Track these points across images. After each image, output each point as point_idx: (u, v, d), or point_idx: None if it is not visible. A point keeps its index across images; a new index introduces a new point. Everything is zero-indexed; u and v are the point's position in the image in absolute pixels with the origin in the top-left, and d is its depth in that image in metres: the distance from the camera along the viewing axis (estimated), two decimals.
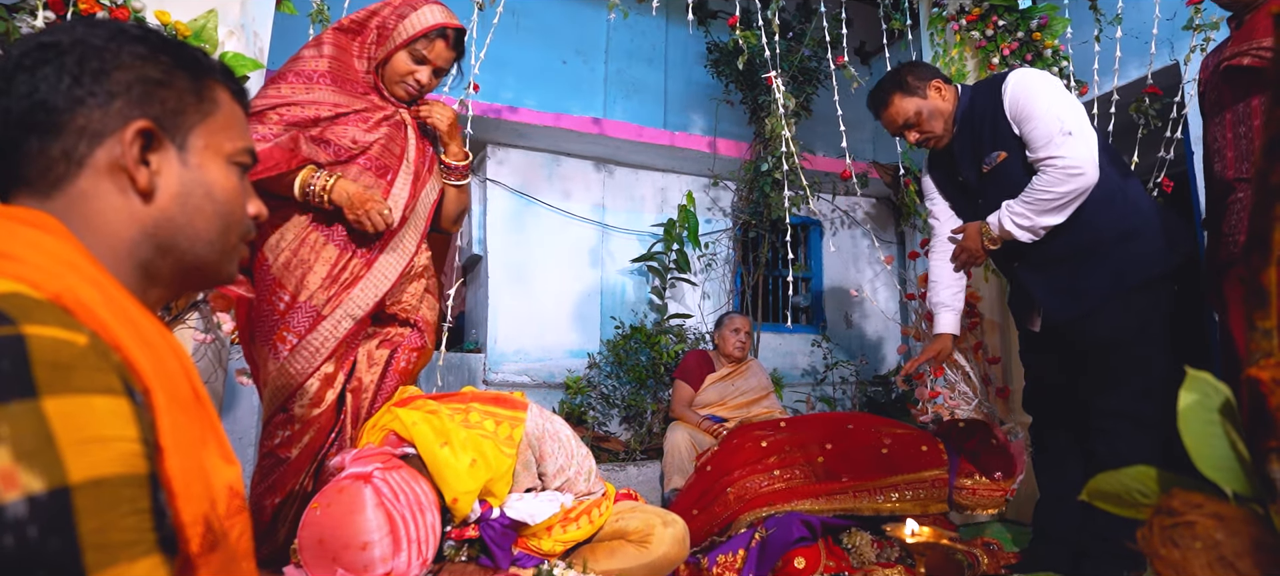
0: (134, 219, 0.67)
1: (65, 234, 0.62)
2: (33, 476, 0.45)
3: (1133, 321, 2.01)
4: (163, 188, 0.69)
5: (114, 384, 0.52)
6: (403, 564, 1.48)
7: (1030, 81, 2.08)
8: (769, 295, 5.80)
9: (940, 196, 2.43)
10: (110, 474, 0.48)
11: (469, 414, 1.76)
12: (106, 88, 0.65)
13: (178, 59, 0.70)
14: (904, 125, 2.29)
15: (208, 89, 0.73)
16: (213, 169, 0.72)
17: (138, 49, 0.67)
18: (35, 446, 0.46)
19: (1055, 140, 1.98)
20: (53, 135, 0.64)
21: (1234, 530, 0.63)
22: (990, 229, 2.17)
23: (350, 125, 1.86)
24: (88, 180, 0.65)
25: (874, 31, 4.26)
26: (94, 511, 0.47)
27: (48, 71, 0.63)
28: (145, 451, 0.52)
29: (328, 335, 1.81)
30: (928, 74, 2.27)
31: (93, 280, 0.59)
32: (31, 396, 0.47)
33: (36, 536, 0.44)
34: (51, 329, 0.50)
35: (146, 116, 0.67)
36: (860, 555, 2.42)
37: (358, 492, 1.50)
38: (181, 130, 0.70)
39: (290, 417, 1.79)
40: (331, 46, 1.89)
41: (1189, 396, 0.70)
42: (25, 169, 0.64)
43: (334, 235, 1.84)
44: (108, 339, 0.55)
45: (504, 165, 5.16)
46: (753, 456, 2.75)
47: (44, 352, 0.49)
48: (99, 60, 0.65)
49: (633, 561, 1.79)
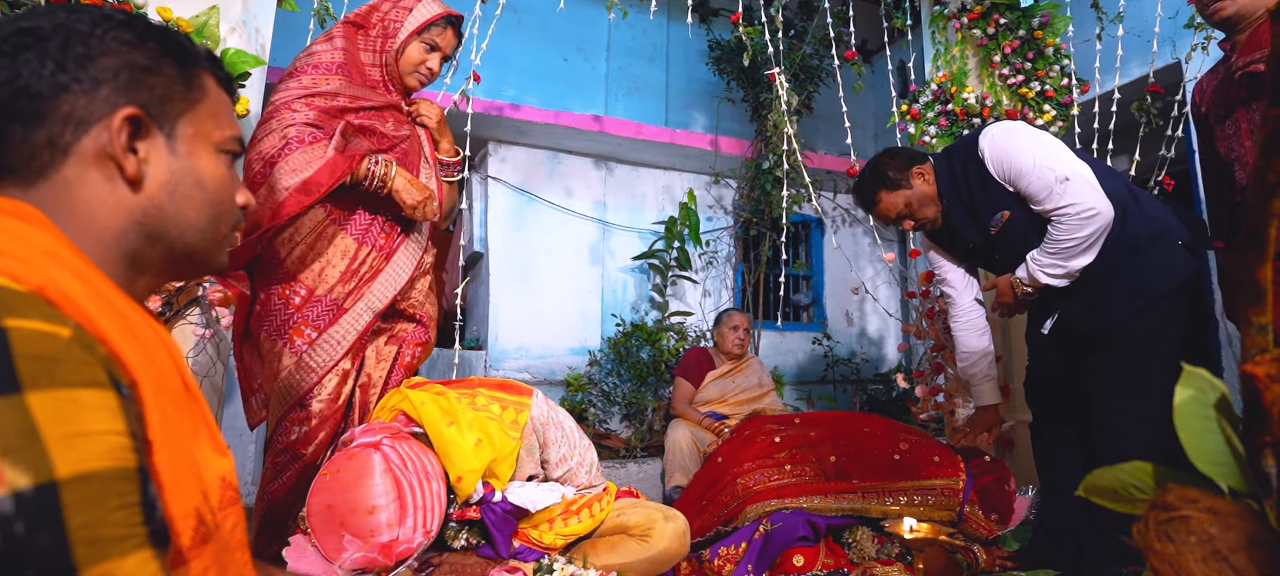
0: (121, 207, 0.66)
1: (46, 224, 0.61)
2: (18, 472, 0.44)
3: (1153, 327, 2.01)
4: (151, 176, 0.67)
5: (99, 377, 0.51)
6: (408, 530, 1.49)
7: (1005, 140, 2.06)
8: (770, 293, 5.81)
9: (949, 264, 2.42)
10: (98, 468, 0.48)
11: (476, 397, 1.78)
12: (92, 73, 0.64)
13: (164, 45, 0.69)
14: (897, 217, 2.27)
15: (195, 76, 0.71)
16: (202, 157, 0.71)
17: (124, 35, 0.66)
18: (20, 442, 0.45)
19: (1055, 191, 1.96)
20: (37, 122, 0.62)
21: (1229, 525, 0.63)
22: (1022, 282, 2.14)
23: (387, 117, 1.90)
24: (73, 168, 0.64)
25: (875, 30, 4.26)
26: (82, 507, 0.46)
27: (30, 56, 0.62)
28: (133, 445, 0.51)
29: (349, 328, 1.82)
30: (905, 162, 2.24)
31: (76, 271, 0.58)
32: (15, 391, 0.46)
33: (24, 533, 0.44)
34: (34, 322, 0.49)
35: (134, 103, 0.66)
36: (860, 550, 2.42)
37: (367, 458, 1.51)
38: (170, 118, 0.69)
39: (308, 414, 1.79)
40: (342, 39, 1.91)
41: (1185, 392, 0.70)
42: (8, 157, 0.63)
43: (351, 229, 1.85)
44: (93, 331, 0.54)
45: (505, 162, 5.17)
46: (764, 451, 2.76)
47: (26, 346, 0.48)
48: (84, 45, 0.64)
49: (634, 556, 1.79)
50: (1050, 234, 2.01)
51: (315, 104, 1.78)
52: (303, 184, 1.70)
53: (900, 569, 2.33)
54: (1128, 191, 2.08)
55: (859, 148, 3.99)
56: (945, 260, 2.43)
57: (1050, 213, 1.99)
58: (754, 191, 5.23)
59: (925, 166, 2.24)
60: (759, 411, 3.72)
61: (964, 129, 3.35)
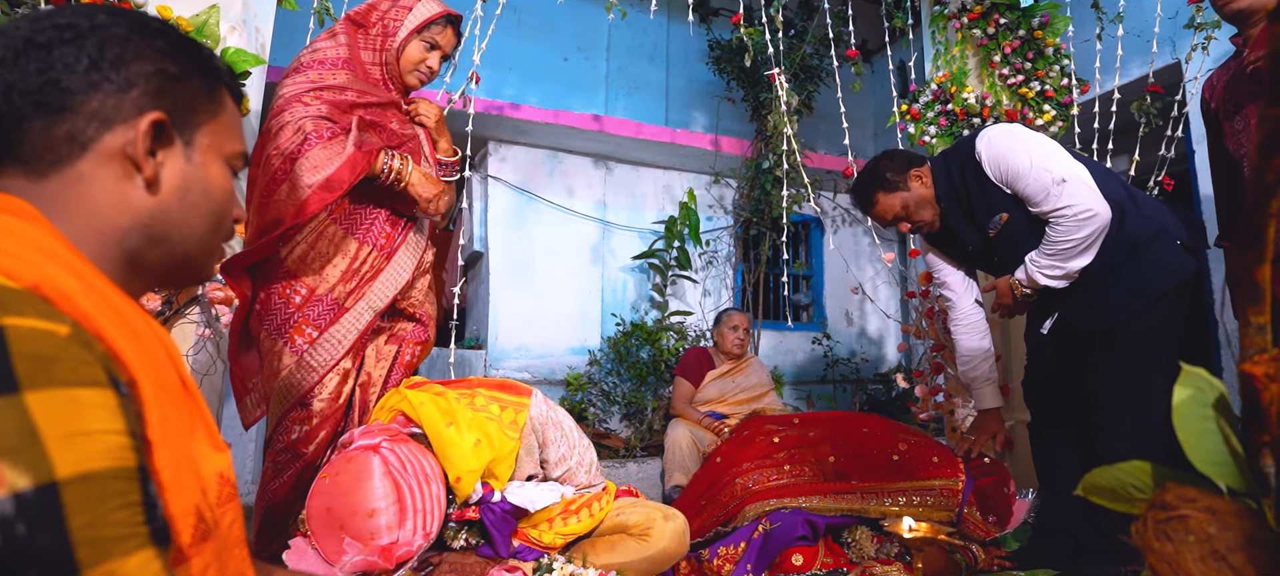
0: (129, 207, 0.67)
1: (40, 220, 0.61)
2: (18, 473, 0.44)
3: (1153, 327, 2.01)
4: (165, 181, 0.69)
5: (98, 375, 0.50)
6: (408, 533, 1.49)
7: (1001, 142, 2.06)
8: (770, 293, 5.81)
9: (949, 266, 2.42)
10: (98, 468, 0.48)
11: (475, 397, 1.78)
12: (125, 75, 0.65)
13: (195, 58, 0.71)
14: (894, 219, 2.29)
15: (217, 90, 0.74)
16: (213, 168, 0.73)
17: (158, 43, 0.68)
18: (19, 442, 0.45)
19: (1052, 193, 1.96)
20: (62, 116, 0.63)
21: (1227, 524, 0.64)
22: (1021, 283, 2.15)
23: (391, 115, 1.91)
24: (89, 164, 0.65)
25: (875, 30, 4.26)
26: (83, 507, 0.46)
27: (66, 52, 0.63)
28: (133, 444, 0.51)
29: (350, 327, 1.82)
30: (903, 165, 2.25)
31: (72, 268, 0.58)
32: (13, 391, 0.46)
33: (25, 534, 0.44)
34: (31, 320, 0.49)
35: (161, 109, 0.67)
36: (860, 549, 2.42)
37: (366, 461, 1.51)
38: (190, 127, 0.71)
39: (309, 413, 1.79)
40: (345, 36, 1.92)
41: (1183, 392, 0.71)
42: (20, 146, 0.63)
43: (352, 228, 1.85)
44: (90, 329, 0.53)
45: (505, 162, 5.16)
46: (764, 451, 2.77)
47: (24, 345, 0.47)
48: (120, 48, 0.65)
49: (633, 555, 1.79)
50: (1048, 235, 2.02)
51: (325, 97, 1.78)
52: (325, 181, 1.70)
53: (899, 568, 2.33)
54: (1125, 192, 2.09)
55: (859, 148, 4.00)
56: (944, 263, 2.44)
57: (1048, 214, 1.99)
58: (754, 191, 5.23)
59: (923, 169, 2.25)
60: (758, 411, 3.72)
61: (964, 129, 3.35)
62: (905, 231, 2.32)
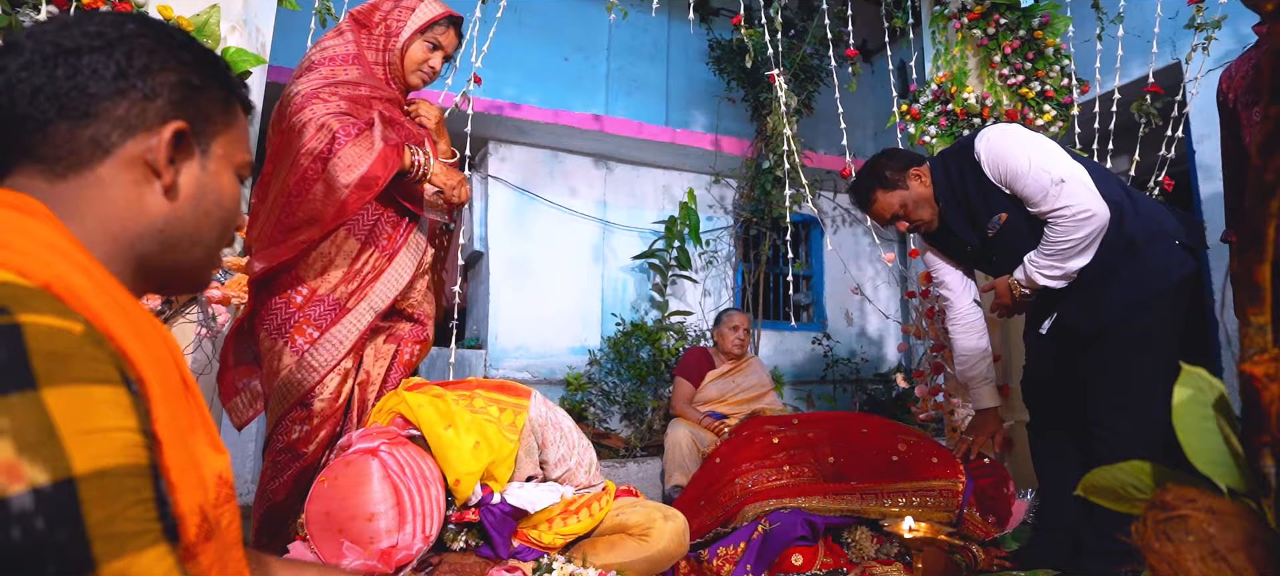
0: (144, 213, 0.68)
1: (51, 219, 0.62)
2: (36, 469, 0.45)
3: (1151, 327, 2.01)
4: (182, 188, 0.70)
5: (111, 373, 0.51)
6: (407, 536, 1.48)
7: (1000, 142, 2.06)
8: (770, 293, 5.81)
9: (947, 266, 2.43)
10: (114, 464, 0.48)
11: (474, 399, 1.78)
12: (151, 84, 0.67)
13: (215, 70, 0.74)
14: (893, 217, 2.29)
15: (232, 102, 0.76)
16: (225, 177, 0.75)
17: (183, 55, 0.70)
18: (37, 438, 0.45)
19: (1051, 193, 1.96)
20: (86, 120, 0.64)
21: (1227, 524, 0.64)
22: (1020, 283, 2.15)
23: (399, 113, 1.92)
24: (109, 168, 0.66)
25: (875, 30, 4.26)
26: (100, 502, 0.47)
27: (95, 59, 0.64)
28: (145, 441, 0.52)
29: (351, 328, 1.82)
30: (903, 163, 2.26)
31: (82, 267, 0.59)
32: (31, 387, 0.46)
33: (44, 528, 0.44)
34: (47, 317, 0.50)
35: (184, 118, 0.69)
36: (859, 549, 2.42)
37: (364, 465, 1.51)
38: (207, 136, 0.73)
39: (309, 413, 1.79)
40: (351, 34, 1.93)
41: (1183, 392, 0.70)
42: (41, 147, 0.64)
43: (354, 229, 1.85)
44: (100, 327, 0.54)
45: (505, 162, 5.17)
46: (763, 451, 2.76)
47: (41, 342, 0.48)
48: (148, 58, 0.67)
49: (633, 555, 1.79)
50: (1047, 236, 2.02)
51: (341, 92, 1.79)
52: (361, 180, 1.70)
53: (899, 568, 2.33)
54: (1123, 192, 2.09)
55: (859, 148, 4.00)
56: (943, 263, 2.44)
57: (1046, 214, 1.99)
58: (754, 191, 5.24)
59: (922, 169, 2.26)
60: (758, 411, 3.72)
61: (964, 129, 3.35)
62: (903, 230, 2.32)
